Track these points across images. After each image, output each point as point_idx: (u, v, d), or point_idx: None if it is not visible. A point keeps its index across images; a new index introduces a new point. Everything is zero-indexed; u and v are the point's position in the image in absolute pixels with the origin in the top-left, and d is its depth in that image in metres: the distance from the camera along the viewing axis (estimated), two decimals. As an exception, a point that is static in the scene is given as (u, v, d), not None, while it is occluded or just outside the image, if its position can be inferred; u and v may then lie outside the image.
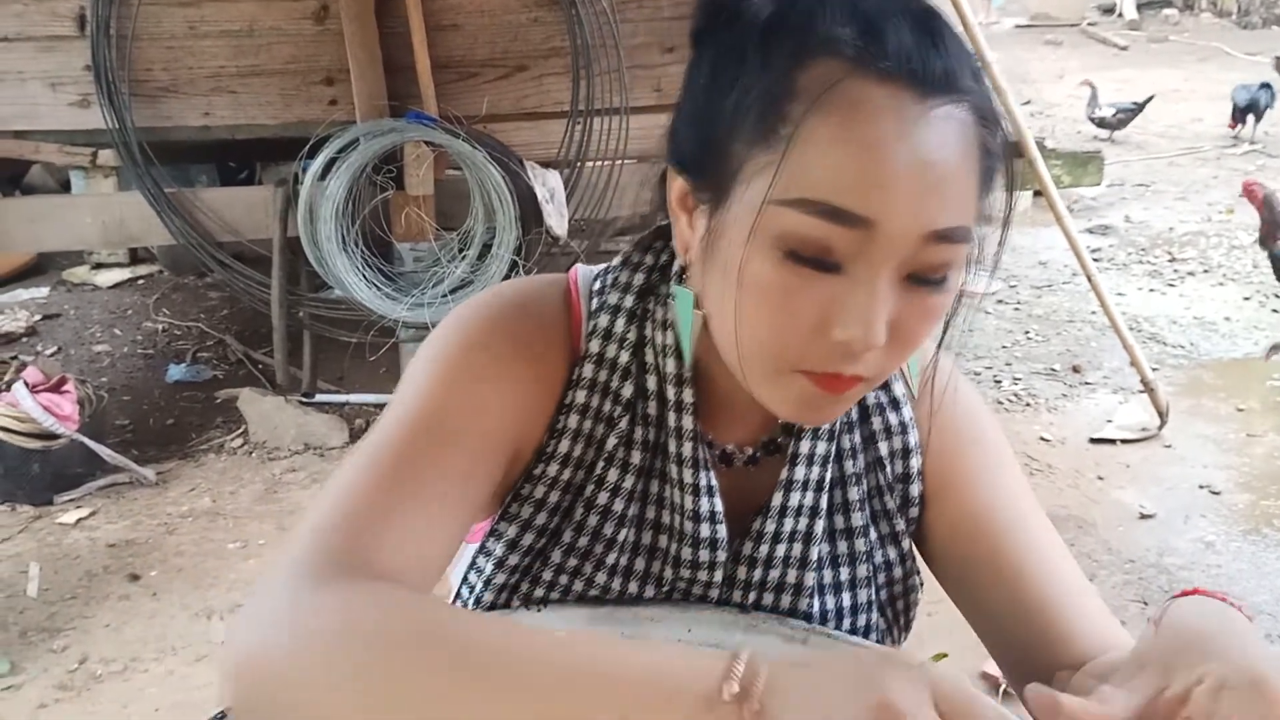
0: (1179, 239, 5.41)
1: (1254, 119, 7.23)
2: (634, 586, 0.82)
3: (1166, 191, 6.33)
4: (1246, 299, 4.57)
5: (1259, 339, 4.10)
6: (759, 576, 0.82)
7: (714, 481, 0.79)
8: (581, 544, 0.81)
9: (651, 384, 0.79)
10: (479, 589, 0.84)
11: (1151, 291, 4.72)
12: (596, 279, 0.82)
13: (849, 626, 0.85)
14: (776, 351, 0.66)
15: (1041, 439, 3.36)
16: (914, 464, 0.84)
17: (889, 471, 0.84)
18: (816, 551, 0.83)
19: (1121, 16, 13.52)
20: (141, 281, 4.78)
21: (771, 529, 0.81)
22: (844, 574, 0.85)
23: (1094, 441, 3.33)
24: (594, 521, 0.80)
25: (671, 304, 0.77)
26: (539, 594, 0.82)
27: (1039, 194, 3.53)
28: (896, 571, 0.86)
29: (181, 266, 4.70)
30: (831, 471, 0.83)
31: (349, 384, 3.64)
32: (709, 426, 0.81)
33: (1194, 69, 10.22)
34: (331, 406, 3.45)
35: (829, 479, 0.82)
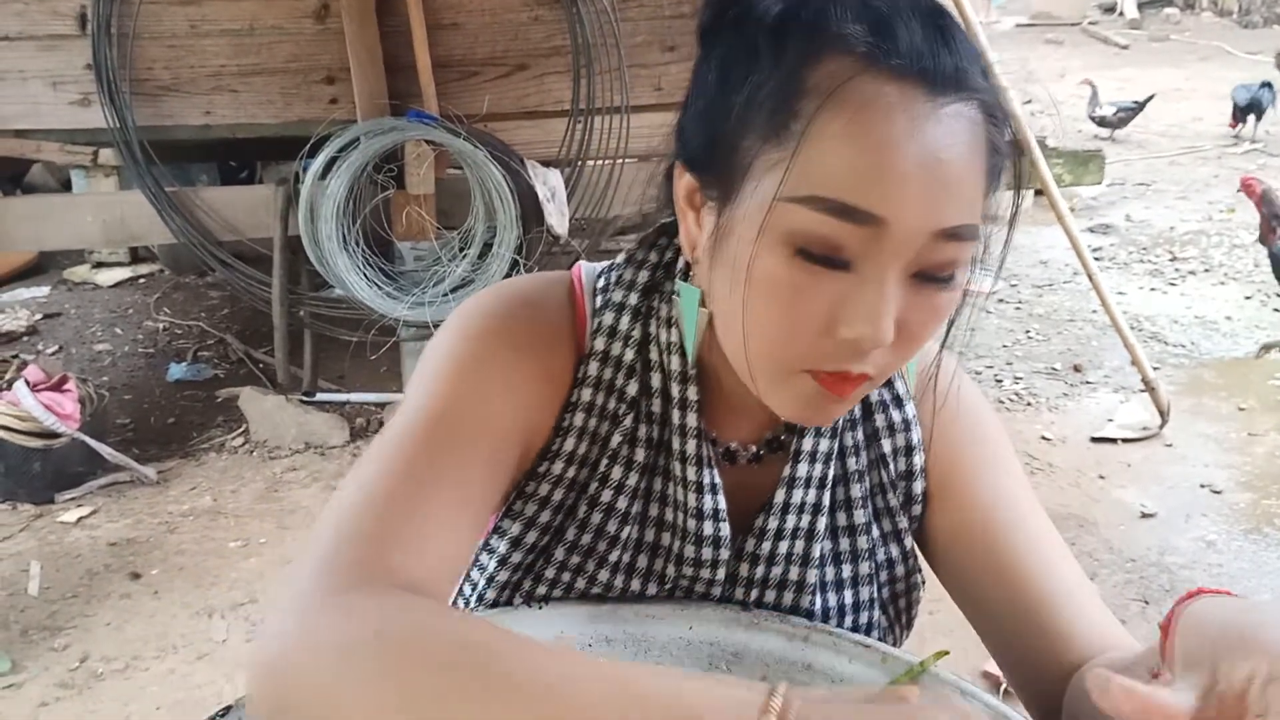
0: (1180, 238, 5.41)
1: (1255, 118, 7.24)
2: (636, 584, 0.82)
3: (1167, 190, 6.33)
4: (1248, 298, 4.57)
5: (1260, 338, 4.10)
6: (761, 573, 0.82)
7: (717, 479, 0.79)
8: (585, 541, 0.81)
9: (656, 381, 0.79)
10: (481, 586, 0.84)
11: (1152, 290, 4.72)
12: (600, 276, 0.82)
13: (850, 624, 0.85)
14: (784, 350, 0.66)
15: (1042, 438, 3.36)
16: (916, 461, 0.84)
17: (891, 469, 0.84)
18: (819, 549, 0.83)
19: (1122, 15, 13.52)
20: (142, 280, 4.78)
21: (774, 526, 0.81)
22: (846, 571, 0.85)
23: (1095, 440, 3.33)
24: (598, 519, 0.80)
25: (676, 300, 0.77)
26: (541, 591, 0.82)
27: (1040, 193, 3.54)
28: (898, 569, 0.86)
29: (182, 265, 4.70)
30: (834, 469, 0.83)
31: (350, 383, 3.64)
32: (713, 423, 0.81)
33: (1195, 68, 10.22)
34: (332, 405, 3.45)
35: (831, 476, 0.82)
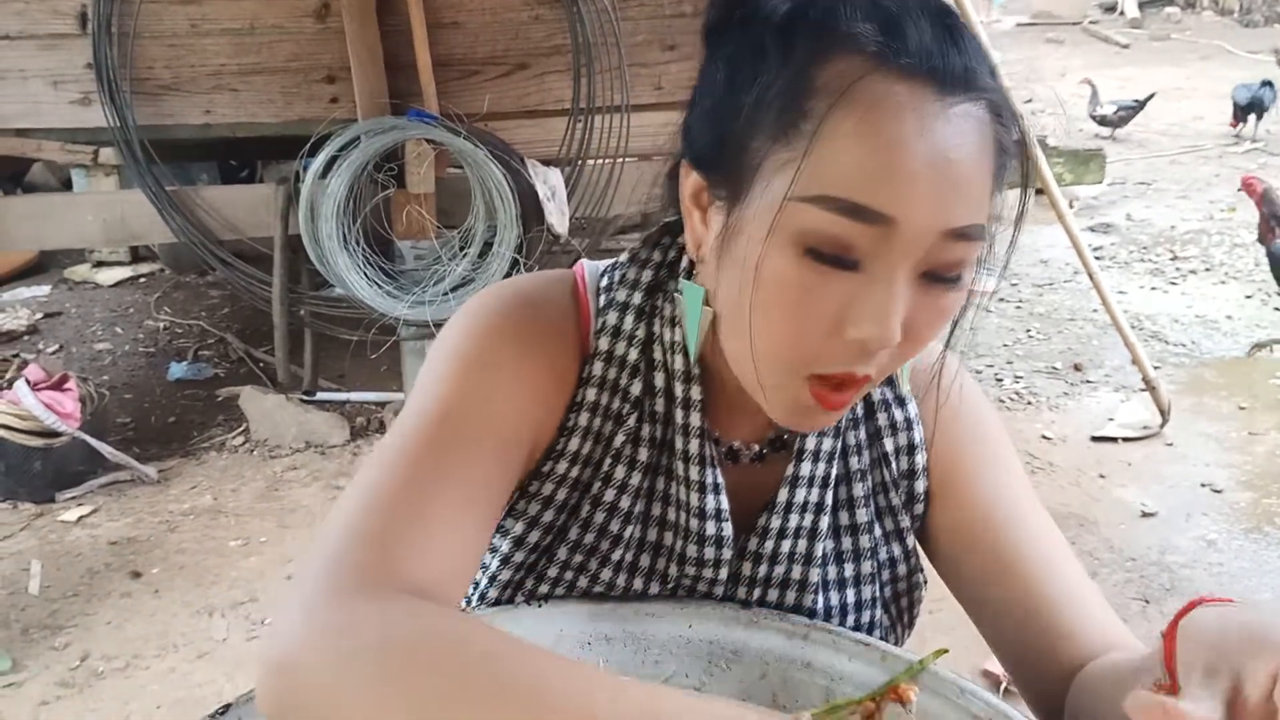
0: (1181, 237, 5.41)
1: (1255, 117, 7.23)
2: (639, 583, 0.82)
3: (1168, 190, 6.33)
4: (1248, 297, 4.57)
5: (1260, 337, 4.10)
6: (764, 572, 0.82)
7: (720, 479, 0.79)
8: (588, 541, 0.81)
9: (660, 381, 0.79)
10: (483, 585, 0.84)
11: (1153, 290, 4.72)
12: (603, 275, 0.82)
13: (853, 623, 0.85)
14: (791, 350, 0.66)
15: (1043, 437, 3.36)
16: (918, 460, 0.84)
17: (894, 468, 0.84)
18: (821, 548, 0.83)
19: (1123, 14, 13.51)
20: (143, 280, 4.79)
21: (777, 525, 0.81)
22: (848, 570, 0.85)
23: (1096, 439, 3.33)
24: (601, 519, 0.80)
25: (679, 300, 0.77)
26: (544, 590, 0.82)
27: (1040, 192, 3.54)
28: (900, 568, 0.86)
29: (183, 265, 4.70)
30: (837, 468, 0.83)
31: (350, 382, 3.64)
32: (716, 423, 0.81)
33: (1196, 67, 10.21)
34: (332, 404, 3.45)
35: (834, 475, 0.82)
